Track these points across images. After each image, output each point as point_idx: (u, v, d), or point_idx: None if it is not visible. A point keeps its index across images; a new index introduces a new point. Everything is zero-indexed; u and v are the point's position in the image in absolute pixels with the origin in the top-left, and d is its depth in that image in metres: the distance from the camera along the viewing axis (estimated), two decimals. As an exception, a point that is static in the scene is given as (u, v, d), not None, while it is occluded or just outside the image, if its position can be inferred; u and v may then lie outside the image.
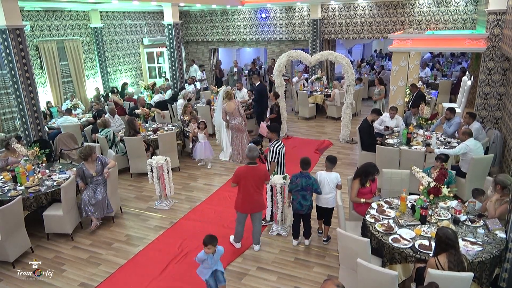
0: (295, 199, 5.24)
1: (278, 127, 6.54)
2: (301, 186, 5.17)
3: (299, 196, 5.20)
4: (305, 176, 5.19)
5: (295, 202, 5.25)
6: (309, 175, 5.23)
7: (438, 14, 12.51)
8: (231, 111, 8.24)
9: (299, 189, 5.19)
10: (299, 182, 5.18)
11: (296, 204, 5.24)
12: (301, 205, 5.21)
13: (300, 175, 5.21)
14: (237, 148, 8.65)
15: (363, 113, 12.04)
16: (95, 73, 12.86)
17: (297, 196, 5.22)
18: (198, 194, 7.29)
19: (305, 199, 5.20)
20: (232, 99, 8.33)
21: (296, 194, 5.23)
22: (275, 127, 6.34)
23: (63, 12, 11.52)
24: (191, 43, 16.69)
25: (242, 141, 8.57)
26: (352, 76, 9.45)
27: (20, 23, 7.13)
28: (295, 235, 5.49)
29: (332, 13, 14.05)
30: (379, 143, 7.27)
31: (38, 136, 7.62)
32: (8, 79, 7.41)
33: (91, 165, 5.97)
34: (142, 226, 6.22)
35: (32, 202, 5.66)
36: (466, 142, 6.14)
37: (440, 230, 3.62)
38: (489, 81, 8.23)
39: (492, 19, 7.89)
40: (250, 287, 4.73)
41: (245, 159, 8.56)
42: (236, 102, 8.31)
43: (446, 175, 5.02)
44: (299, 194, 5.20)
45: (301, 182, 5.17)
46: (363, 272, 3.68)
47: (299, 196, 5.21)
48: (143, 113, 9.02)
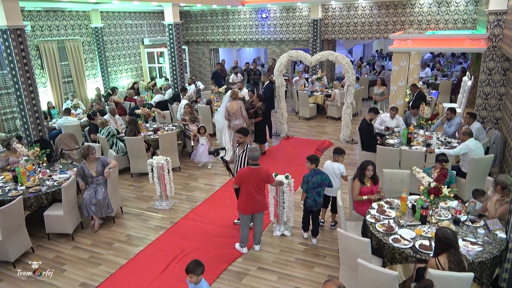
0: (309, 197, 5.30)
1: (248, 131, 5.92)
2: (317, 183, 5.25)
3: (314, 193, 5.28)
4: (318, 173, 5.28)
5: (309, 199, 5.31)
6: (321, 171, 5.36)
7: (438, 14, 12.50)
8: (233, 111, 8.23)
9: (314, 186, 5.25)
10: (315, 180, 5.24)
11: (310, 202, 5.31)
12: (315, 201, 5.31)
13: (314, 173, 5.27)
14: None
15: (364, 113, 12.01)
16: (95, 73, 12.87)
17: (312, 193, 5.28)
18: (198, 194, 7.29)
19: (319, 195, 5.31)
20: (236, 99, 8.32)
21: (311, 192, 5.28)
22: (245, 131, 5.75)
23: (64, 12, 11.53)
24: (192, 43, 16.70)
25: None
26: (353, 76, 9.45)
27: (20, 23, 7.13)
28: (305, 228, 5.66)
29: (332, 13, 14.05)
30: (379, 143, 7.27)
31: (38, 136, 7.62)
32: (8, 79, 7.42)
33: (91, 165, 5.99)
34: (143, 226, 6.22)
35: (33, 202, 5.66)
36: (466, 142, 6.14)
37: (439, 230, 3.63)
38: (489, 81, 8.23)
39: (492, 19, 7.89)
40: (251, 287, 4.74)
41: None
42: (239, 103, 8.29)
43: (446, 175, 5.00)
44: (314, 191, 5.27)
45: (317, 179, 5.24)
46: (363, 272, 3.68)
47: (314, 193, 5.28)
48: (144, 113, 9.03)
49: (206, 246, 5.52)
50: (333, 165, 5.54)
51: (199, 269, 3.58)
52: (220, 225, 6.10)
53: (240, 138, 5.65)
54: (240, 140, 5.67)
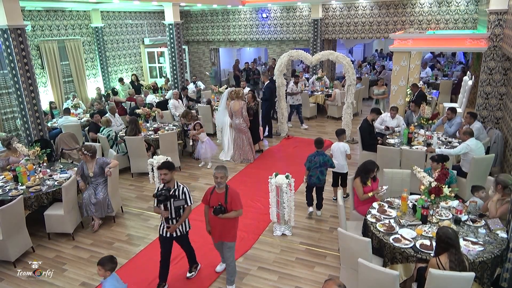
0: (313, 175, 6.00)
1: (173, 166, 4.52)
2: (319, 163, 5.94)
3: (318, 172, 5.98)
4: (321, 154, 5.98)
5: (313, 177, 6.01)
6: (324, 153, 6.03)
7: (439, 14, 12.49)
8: (235, 110, 8.27)
9: (317, 166, 5.95)
10: (317, 160, 5.93)
11: (314, 179, 6.03)
12: (319, 179, 6.03)
13: (317, 154, 5.99)
14: (238, 148, 8.68)
15: (364, 113, 12.03)
16: (96, 72, 12.86)
17: (316, 172, 5.98)
18: (198, 193, 7.28)
19: (323, 174, 6.02)
20: (239, 98, 8.34)
21: (314, 171, 5.98)
22: (170, 165, 4.42)
23: (64, 12, 11.53)
24: (192, 43, 16.69)
25: (243, 142, 8.61)
26: (353, 75, 9.44)
27: (21, 23, 7.13)
28: (309, 203, 6.28)
29: (332, 13, 14.04)
30: (380, 143, 7.26)
31: (39, 135, 7.62)
32: (9, 79, 7.41)
33: (90, 165, 5.98)
34: (143, 226, 6.22)
35: (33, 202, 5.66)
36: (467, 142, 6.13)
37: (440, 230, 3.63)
38: (490, 80, 8.22)
39: (493, 18, 7.89)
40: (251, 286, 4.73)
41: (246, 160, 8.63)
42: (242, 103, 8.30)
43: (447, 175, 5.00)
44: (317, 170, 5.97)
45: (319, 159, 5.94)
46: (364, 272, 3.68)
47: (318, 172, 5.98)
48: (144, 112, 9.03)
49: (206, 245, 5.50)
50: (339, 144, 6.38)
51: (109, 265, 3.61)
52: (220, 225, 6.09)
53: (165, 175, 4.31)
54: (166, 177, 4.33)
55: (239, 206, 4.39)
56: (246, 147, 8.66)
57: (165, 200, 4.31)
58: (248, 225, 6.04)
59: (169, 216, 4.43)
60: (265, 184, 5.94)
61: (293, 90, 10.67)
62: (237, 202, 4.38)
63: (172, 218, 4.46)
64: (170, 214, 4.41)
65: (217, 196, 4.40)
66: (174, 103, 10.30)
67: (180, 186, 4.47)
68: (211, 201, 4.43)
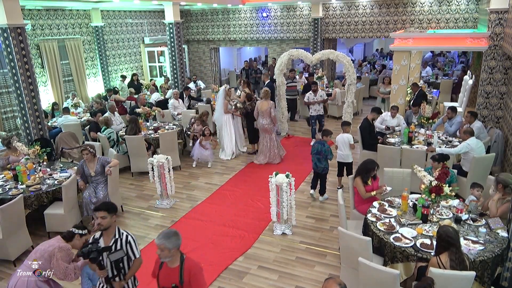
0: (313, 161, 6.46)
1: (115, 209, 3.59)
2: (317, 150, 6.34)
3: (315, 158, 6.41)
4: (321, 143, 6.37)
5: (313, 163, 6.47)
6: (324, 143, 6.36)
7: (439, 13, 12.48)
8: (262, 110, 8.19)
9: (315, 152, 6.38)
10: (316, 147, 6.37)
11: (313, 165, 6.49)
12: (316, 165, 6.47)
13: (318, 142, 6.42)
14: (264, 149, 8.48)
15: (364, 112, 12.02)
16: (96, 72, 12.85)
17: (314, 158, 6.41)
18: (199, 193, 7.29)
19: (320, 161, 6.40)
20: (268, 99, 8.25)
21: (313, 157, 6.43)
22: (112, 208, 3.53)
23: (64, 11, 11.52)
24: (192, 42, 16.68)
25: (269, 142, 8.41)
26: (354, 75, 9.43)
27: (21, 22, 7.12)
28: (313, 187, 6.76)
29: (333, 12, 14.03)
30: (380, 142, 7.26)
31: (39, 135, 7.62)
32: (9, 78, 7.41)
33: (91, 164, 5.97)
34: (143, 225, 6.22)
35: (33, 201, 5.66)
36: (467, 141, 6.13)
37: (441, 228, 3.62)
38: (490, 80, 8.21)
39: (493, 18, 7.88)
40: (251, 286, 4.73)
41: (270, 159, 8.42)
42: (270, 103, 8.20)
43: (447, 174, 5.01)
44: (315, 157, 6.41)
45: (317, 147, 6.34)
46: (364, 271, 3.67)
47: (315, 159, 6.42)
48: (144, 112, 9.02)
49: (206, 244, 5.51)
50: (343, 135, 6.69)
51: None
52: (220, 224, 6.09)
53: (103, 219, 3.37)
54: (103, 222, 3.37)
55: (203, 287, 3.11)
56: (276, 150, 8.43)
57: (99, 257, 3.30)
58: (248, 224, 6.04)
59: (108, 275, 3.40)
60: (265, 183, 5.93)
61: (310, 99, 9.34)
62: (200, 283, 3.09)
63: (114, 276, 3.43)
64: (109, 271, 3.39)
65: (168, 272, 3.10)
66: (173, 103, 10.29)
67: (123, 235, 3.42)
68: (161, 279, 3.16)
